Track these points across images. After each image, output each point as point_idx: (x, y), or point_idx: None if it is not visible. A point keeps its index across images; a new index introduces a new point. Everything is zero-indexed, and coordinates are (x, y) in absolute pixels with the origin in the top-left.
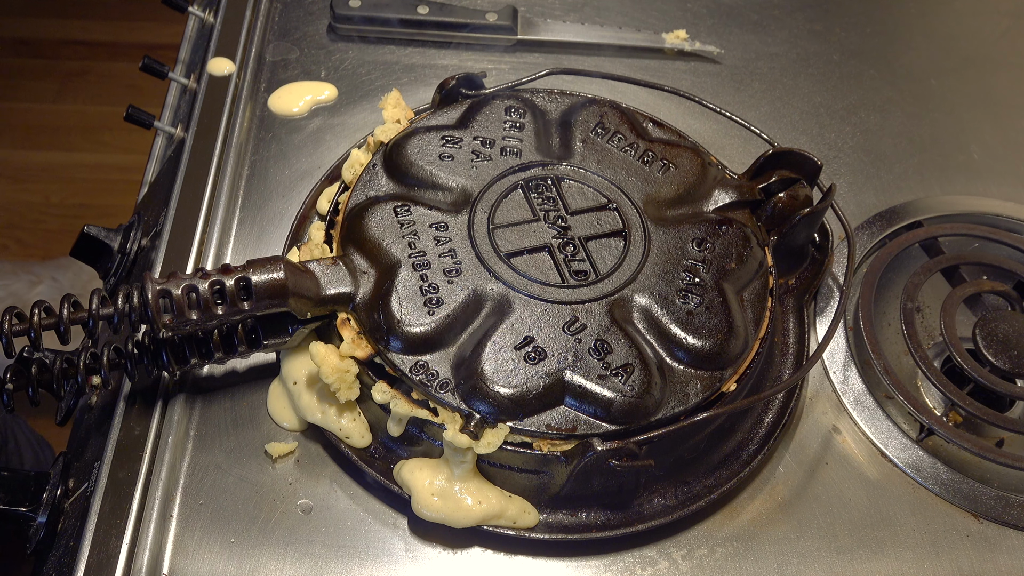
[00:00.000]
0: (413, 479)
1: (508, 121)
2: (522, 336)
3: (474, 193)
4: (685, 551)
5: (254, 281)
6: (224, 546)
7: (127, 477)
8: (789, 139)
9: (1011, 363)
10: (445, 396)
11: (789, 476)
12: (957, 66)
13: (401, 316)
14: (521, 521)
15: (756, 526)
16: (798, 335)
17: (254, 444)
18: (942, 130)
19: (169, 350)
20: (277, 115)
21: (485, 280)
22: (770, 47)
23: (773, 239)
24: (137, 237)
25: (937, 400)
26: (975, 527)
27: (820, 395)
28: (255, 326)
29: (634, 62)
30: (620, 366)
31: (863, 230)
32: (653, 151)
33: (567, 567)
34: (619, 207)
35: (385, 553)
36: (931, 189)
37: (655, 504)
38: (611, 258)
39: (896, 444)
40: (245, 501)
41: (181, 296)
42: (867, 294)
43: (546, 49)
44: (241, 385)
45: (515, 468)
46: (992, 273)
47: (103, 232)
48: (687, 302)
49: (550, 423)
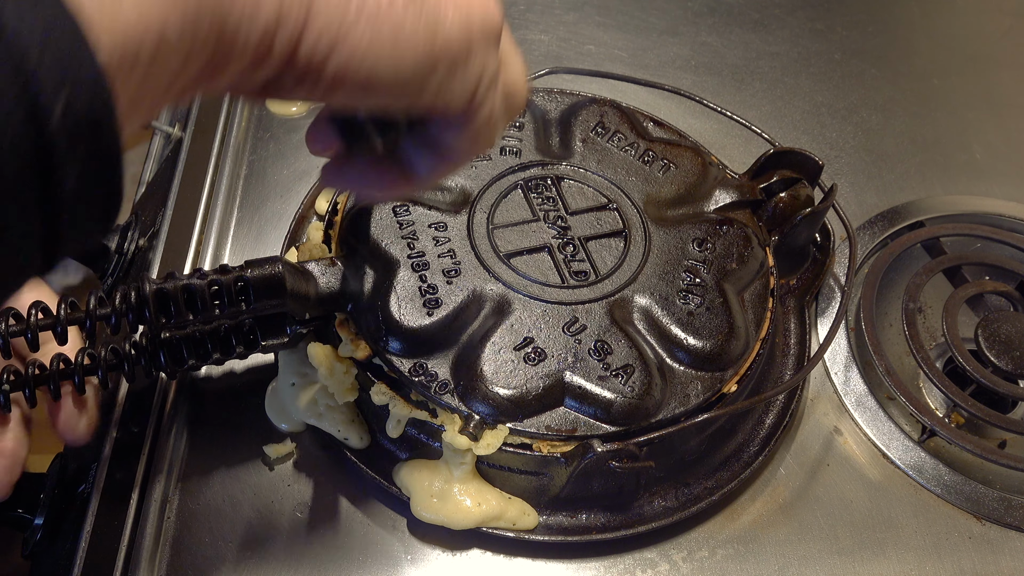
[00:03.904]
0: (412, 480)
1: None
2: (522, 337)
3: (473, 193)
4: (686, 553)
5: (252, 281)
6: (222, 548)
7: (124, 479)
8: (790, 139)
9: (1013, 364)
10: (444, 397)
11: (790, 478)
12: (959, 65)
13: (400, 317)
14: (521, 523)
15: (757, 528)
16: (799, 336)
17: (252, 445)
18: (944, 130)
19: (167, 351)
20: (275, 114)
21: (484, 281)
22: (771, 46)
23: (774, 239)
24: (134, 237)
25: (939, 401)
26: (977, 529)
27: (821, 396)
28: (253, 327)
29: (634, 61)
30: (620, 367)
31: (865, 230)
32: (653, 151)
33: (567, 569)
34: (619, 207)
35: (384, 555)
36: (933, 189)
37: (655, 506)
38: (611, 258)
39: (898, 445)
40: (243, 503)
41: (179, 296)
42: (869, 294)
43: (546, 47)
44: (239, 386)
45: (515, 469)
46: (994, 273)
47: None
48: (688, 303)
49: (550, 424)
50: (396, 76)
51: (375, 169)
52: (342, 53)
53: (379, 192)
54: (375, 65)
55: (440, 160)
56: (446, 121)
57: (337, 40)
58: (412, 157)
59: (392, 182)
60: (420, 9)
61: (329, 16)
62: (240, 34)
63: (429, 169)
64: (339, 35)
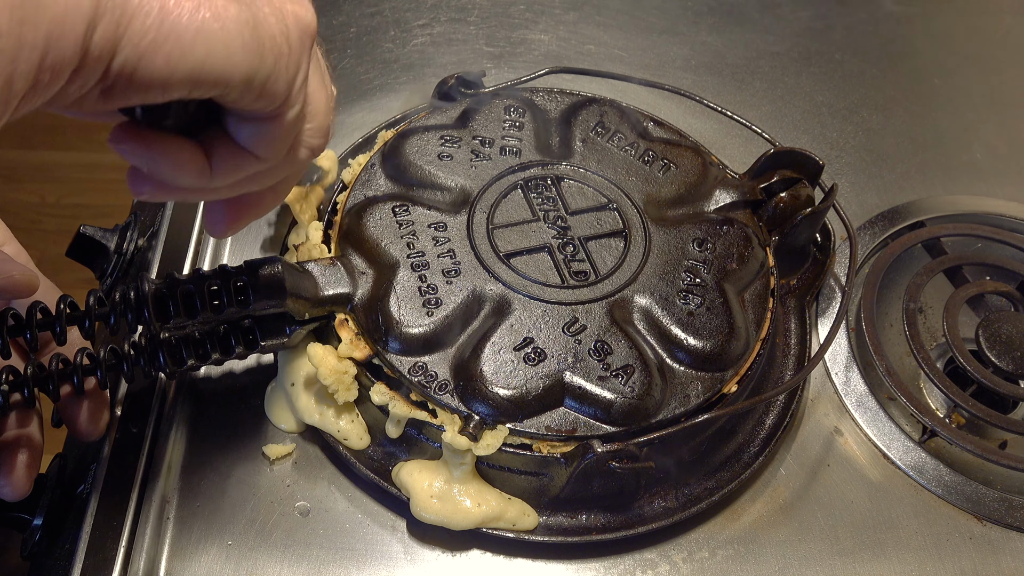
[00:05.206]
0: (412, 481)
1: (507, 120)
2: (521, 337)
3: (473, 193)
4: (686, 554)
5: (251, 282)
6: (221, 549)
7: (124, 479)
8: (791, 138)
9: (1014, 364)
10: (444, 397)
11: (790, 478)
12: (960, 65)
13: (400, 317)
14: (520, 523)
15: (757, 528)
16: (800, 336)
17: (252, 446)
18: (945, 129)
19: (166, 351)
20: None
21: (484, 281)
22: (771, 46)
23: (774, 239)
24: (134, 237)
25: (940, 401)
26: (978, 529)
27: (822, 396)
28: (253, 327)
29: (634, 61)
30: (620, 367)
31: (865, 230)
32: (654, 150)
33: (567, 570)
34: (619, 207)
35: (383, 555)
36: (934, 189)
37: (655, 506)
38: (611, 258)
39: (898, 446)
40: (242, 503)
41: (178, 297)
42: (869, 295)
43: (546, 47)
44: (238, 387)
45: (515, 470)
46: (995, 274)
47: (99, 232)
48: (688, 303)
49: (550, 425)
50: (227, 66)
51: (171, 150)
52: (168, 43)
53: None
54: (206, 56)
55: (237, 158)
56: (247, 116)
57: (161, 32)
58: (213, 151)
59: (184, 165)
60: (240, 2)
61: (149, 8)
62: (64, 35)
63: (224, 165)
64: (162, 25)
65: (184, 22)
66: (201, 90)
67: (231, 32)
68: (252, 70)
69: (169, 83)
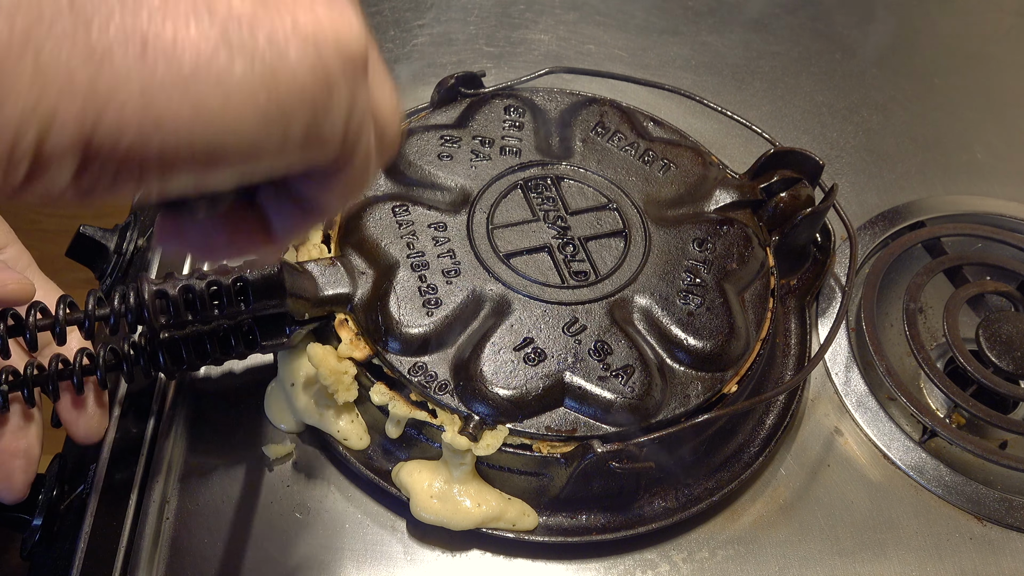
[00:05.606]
0: (412, 481)
1: (507, 120)
2: (521, 337)
3: (473, 193)
4: (686, 554)
5: (251, 281)
6: (221, 548)
7: (123, 479)
8: (791, 138)
9: (1015, 364)
10: (444, 398)
11: (790, 478)
12: (960, 65)
13: (400, 317)
14: (520, 524)
15: (757, 528)
16: (800, 336)
17: (251, 446)
18: (945, 129)
19: (166, 351)
20: None
21: (484, 281)
22: (771, 46)
23: (775, 239)
24: (133, 237)
25: (940, 402)
26: (978, 530)
27: (822, 396)
28: (252, 327)
29: (634, 61)
30: (620, 367)
31: (865, 230)
32: (654, 150)
33: (567, 570)
34: (619, 207)
35: (383, 556)
36: (934, 189)
37: (655, 506)
38: (611, 258)
39: (898, 446)
40: (242, 504)
41: (178, 297)
42: (869, 295)
43: (546, 47)
44: (238, 387)
45: (514, 470)
46: (995, 274)
47: (99, 232)
48: (688, 303)
49: (550, 425)
50: (239, 141)
51: (223, 228)
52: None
53: (229, 255)
54: (206, 134)
55: (304, 216)
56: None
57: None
58: (270, 214)
59: (244, 244)
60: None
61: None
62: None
63: (290, 228)
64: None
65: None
66: (218, 178)
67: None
68: (281, 136)
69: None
